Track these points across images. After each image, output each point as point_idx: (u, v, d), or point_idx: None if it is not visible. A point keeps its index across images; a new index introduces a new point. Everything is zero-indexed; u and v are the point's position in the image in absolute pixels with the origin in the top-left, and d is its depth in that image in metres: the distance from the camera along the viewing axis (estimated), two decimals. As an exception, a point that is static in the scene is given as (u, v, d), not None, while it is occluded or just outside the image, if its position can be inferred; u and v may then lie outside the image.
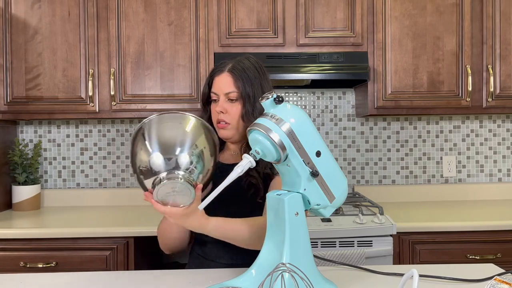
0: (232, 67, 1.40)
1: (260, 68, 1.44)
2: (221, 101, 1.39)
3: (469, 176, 2.76)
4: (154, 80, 2.36)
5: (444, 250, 2.09)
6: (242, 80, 1.39)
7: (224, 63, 1.43)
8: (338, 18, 2.36)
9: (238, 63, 1.41)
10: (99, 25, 2.37)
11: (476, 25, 2.39)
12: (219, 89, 1.40)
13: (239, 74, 1.39)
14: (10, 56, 2.35)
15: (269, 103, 1.07)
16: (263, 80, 1.43)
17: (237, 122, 1.40)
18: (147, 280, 1.28)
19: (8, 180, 2.55)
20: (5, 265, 2.03)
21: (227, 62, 1.43)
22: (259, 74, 1.43)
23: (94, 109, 2.36)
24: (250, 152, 1.05)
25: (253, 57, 1.46)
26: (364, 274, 1.29)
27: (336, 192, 1.11)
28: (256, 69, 1.42)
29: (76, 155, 2.72)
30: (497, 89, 2.39)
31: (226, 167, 1.44)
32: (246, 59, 1.44)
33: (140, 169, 1.12)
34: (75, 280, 1.29)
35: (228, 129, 1.40)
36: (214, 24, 2.36)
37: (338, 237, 2.02)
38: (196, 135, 1.16)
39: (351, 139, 2.74)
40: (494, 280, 1.09)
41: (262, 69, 1.44)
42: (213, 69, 1.45)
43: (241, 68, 1.40)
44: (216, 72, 1.42)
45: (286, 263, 1.03)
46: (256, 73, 1.42)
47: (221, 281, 1.16)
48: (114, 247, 2.06)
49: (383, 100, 2.36)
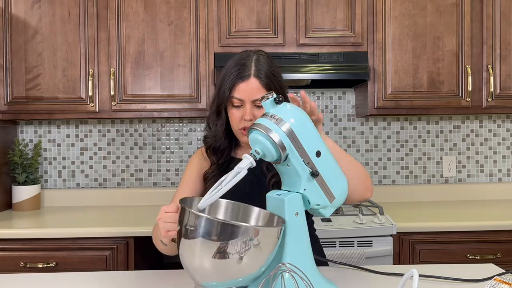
0: (257, 70, 1.33)
1: (273, 61, 1.40)
2: (248, 108, 1.33)
3: (469, 176, 2.76)
4: (154, 80, 2.36)
5: (444, 250, 2.09)
6: (271, 82, 1.34)
7: (244, 66, 1.34)
8: (338, 18, 2.36)
9: (260, 64, 1.35)
10: (99, 25, 2.37)
11: (476, 25, 2.39)
12: (247, 96, 1.33)
13: (266, 77, 1.34)
14: (10, 56, 2.35)
15: (269, 103, 1.07)
16: (280, 72, 1.40)
17: None
18: (147, 280, 1.28)
19: (8, 180, 2.55)
20: (5, 265, 2.03)
21: (245, 63, 1.35)
22: (277, 68, 1.39)
23: (94, 109, 2.36)
24: (250, 152, 1.05)
25: (263, 51, 1.41)
26: (364, 274, 1.29)
27: (336, 192, 1.12)
28: (274, 65, 1.38)
29: (76, 155, 2.72)
30: (497, 89, 2.39)
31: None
32: (262, 55, 1.38)
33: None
34: (75, 280, 1.29)
35: None
36: (214, 24, 2.36)
37: (338, 237, 2.02)
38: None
39: (351, 139, 2.74)
40: (494, 280, 1.09)
41: (274, 62, 1.41)
42: (233, 73, 1.35)
43: (266, 69, 1.35)
44: (239, 78, 1.33)
45: (286, 263, 1.03)
46: (276, 68, 1.38)
47: (221, 281, 1.15)
48: (114, 247, 2.06)
49: (383, 100, 2.36)
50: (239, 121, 1.36)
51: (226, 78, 1.36)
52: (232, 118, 1.38)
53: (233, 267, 0.97)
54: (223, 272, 0.98)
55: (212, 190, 1.02)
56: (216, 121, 1.41)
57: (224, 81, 1.36)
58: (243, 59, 1.36)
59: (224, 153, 1.44)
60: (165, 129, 2.73)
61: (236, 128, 1.38)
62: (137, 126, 2.73)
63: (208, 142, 1.44)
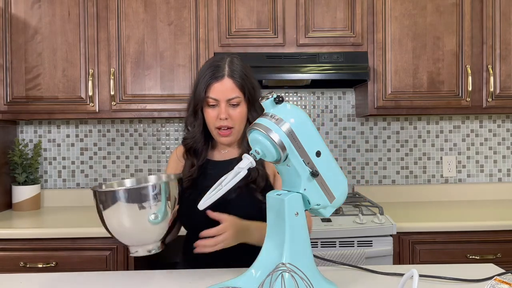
0: (230, 71, 1.40)
1: (246, 64, 1.47)
2: (223, 107, 1.39)
3: (469, 176, 2.76)
4: (154, 80, 2.36)
5: (444, 250, 2.09)
6: (245, 83, 1.41)
7: (218, 67, 1.41)
8: (338, 18, 2.36)
9: (234, 66, 1.41)
10: (99, 25, 2.37)
11: (476, 25, 2.39)
12: (221, 95, 1.39)
13: (240, 77, 1.40)
14: (10, 56, 2.35)
15: (269, 103, 1.07)
16: (253, 74, 1.47)
17: (239, 125, 1.43)
18: (147, 280, 1.28)
19: (8, 180, 2.55)
20: (5, 265, 2.03)
21: (219, 65, 1.41)
22: (250, 71, 1.46)
23: (94, 109, 2.36)
24: (250, 152, 1.04)
25: (236, 55, 1.48)
26: (364, 274, 1.29)
27: (336, 192, 1.11)
28: (247, 67, 1.45)
29: (76, 155, 2.72)
30: (497, 89, 2.39)
31: (218, 165, 1.48)
32: (235, 58, 1.45)
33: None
34: (75, 280, 1.29)
35: (232, 135, 1.42)
36: (214, 24, 2.36)
37: (338, 237, 2.02)
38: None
39: (351, 139, 2.74)
40: (494, 280, 1.09)
41: (247, 64, 1.47)
42: (207, 74, 1.41)
43: (239, 70, 1.41)
44: (214, 78, 1.40)
45: (286, 263, 1.03)
46: (249, 70, 1.45)
47: (221, 281, 1.16)
48: (114, 247, 2.06)
49: (383, 100, 2.36)
50: (214, 120, 1.41)
51: (201, 80, 1.42)
52: (208, 118, 1.42)
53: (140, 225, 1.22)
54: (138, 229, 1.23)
55: (212, 190, 1.02)
56: (193, 122, 1.46)
57: (199, 82, 1.42)
58: (217, 61, 1.43)
59: (202, 155, 1.49)
60: (165, 129, 2.73)
61: (212, 128, 1.43)
62: (137, 126, 2.73)
63: (188, 143, 1.48)
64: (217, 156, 1.52)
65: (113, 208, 1.19)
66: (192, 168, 1.47)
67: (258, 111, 1.43)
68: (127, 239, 1.25)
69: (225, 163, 1.46)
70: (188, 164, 1.49)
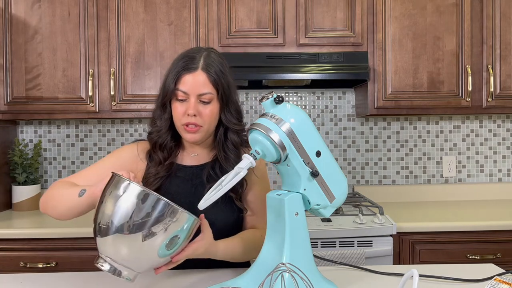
0: (206, 64, 1.26)
1: (224, 60, 1.33)
2: (192, 102, 1.25)
3: (469, 176, 2.76)
4: (154, 80, 2.36)
5: (444, 250, 2.09)
6: (219, 79, 1.27)
7: (192, 58, 1.27)
8: (338, 18, 2.36)
9: (209, 59, 1.27)
10: (99, 25, 2.37)
11: (476, 25, 2.39)
12: (192, 89, 1.25)
13: (215, 72, 1.26)
14: (10, 56, 2.35)
15: (269, 103, 1.07)
16: (230, 72, 1.32)
17: (209, 124, 1.29)
18: (147, 280, 1.28)
19: (8, 180, 2.55)
20: (5, 265, 2.03)
21: (195, 56, 1.27)
22: (228, 68, 1.32)
23: (94, 109, 2.36)
24: (250, 152, 1.04)
25: (215, 49, 1.35)
26: (364, 274, 1.29)
27: (336, 192, 1.11)
28: (225, 63, 1.31)
29: (76, 155, 2.72)
30: (497, 89, 2.39)
31: (187, 170, 1.36)
32: (213, 52, 1.31)
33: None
34: (75, 280, 1.29)
35: (199, 132, 1.28)
36: (214, 24, 2.36)
37: (338, 237, 2.02)
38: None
39: (351, 139, 2.74)
40: (494, 280, 1.08)
41: (225, 61, 1.33)
42: (180, 64, 1.27)
43: (215, 65, 1.27)
44: (186, 69, 1.26)
45: (286, 263, 1.03)
46: (227, 67, 1.31)
47: (221, 281, 1.16)
48: (114, 247, 2.05)
49: (383, 100, 2.36)
50: (182, 116, 1.26)
51: (172, 70, 1.28)
52: (175, 113, 1.28)
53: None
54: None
55: (211, 190, 1.02)
56: (161, 115, 1.32)
57: (170, 72, 1.28)
58: (193, 52, 1.29)
59: (172, 153, 1.35)
60: (165, 129, 2.72)
61: (178, 124, 1.28)
62: (137, 126, 2.73)
63: (153, 138, 1.34)
64: (187, 160, 1.38)
65: (141, 208, 0.99)
66: (160, 166, 1.32)
67: (232, 112, 1.31)
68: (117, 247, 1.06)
69: (197, 169, 1.36)
70: (155, 162, 1.34)
